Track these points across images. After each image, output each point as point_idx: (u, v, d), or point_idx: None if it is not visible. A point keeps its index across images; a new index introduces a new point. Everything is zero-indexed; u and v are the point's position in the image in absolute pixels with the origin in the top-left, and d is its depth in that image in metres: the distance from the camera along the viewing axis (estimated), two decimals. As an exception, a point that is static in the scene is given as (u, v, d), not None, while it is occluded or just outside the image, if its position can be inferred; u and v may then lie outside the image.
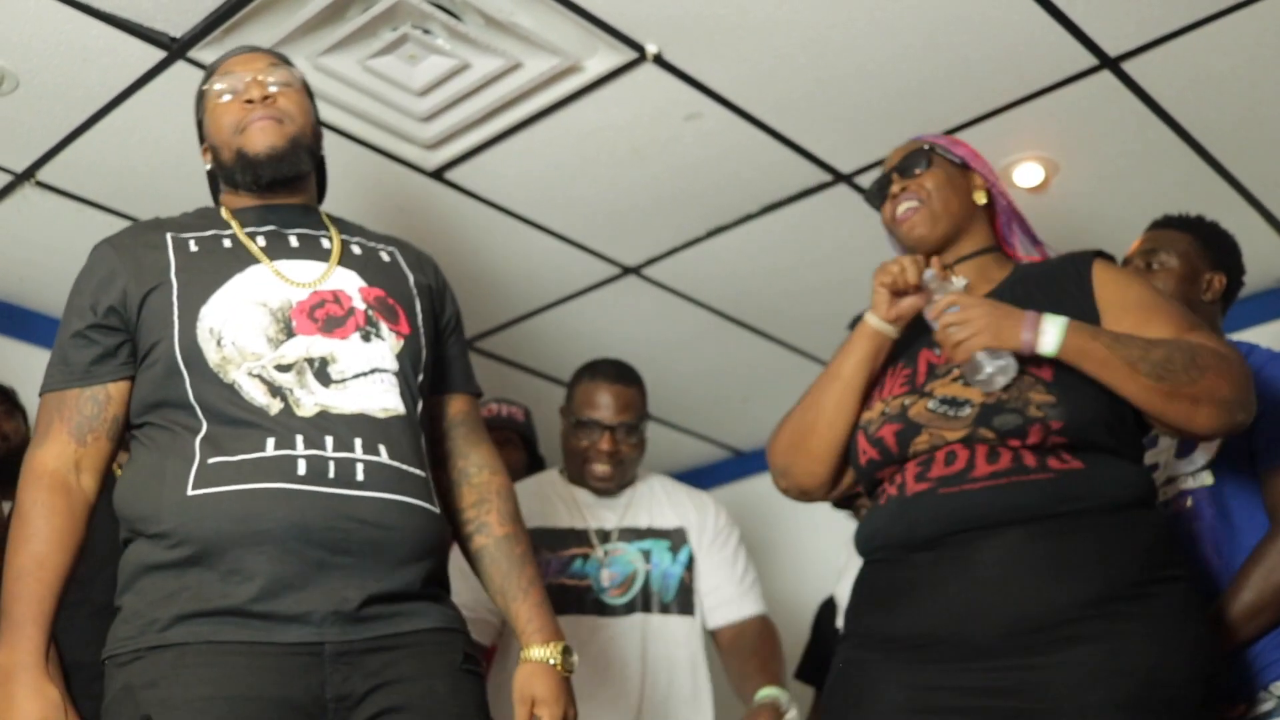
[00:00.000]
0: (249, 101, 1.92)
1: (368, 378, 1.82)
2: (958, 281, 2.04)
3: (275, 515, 1.70)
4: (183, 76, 2.63)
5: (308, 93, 2.02)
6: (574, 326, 3.73)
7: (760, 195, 3.16)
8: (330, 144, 2.89)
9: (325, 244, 1.95)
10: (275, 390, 1.77)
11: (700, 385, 4.12)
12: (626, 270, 3.51)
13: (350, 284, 1.89)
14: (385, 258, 1.99)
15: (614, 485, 2.83)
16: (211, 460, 1.74)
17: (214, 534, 1.70)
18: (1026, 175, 3.08)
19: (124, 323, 1.85)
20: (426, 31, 2.58)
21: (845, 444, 2.05)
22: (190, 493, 1.72)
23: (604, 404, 2.81)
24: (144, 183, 3.03)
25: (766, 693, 2.67)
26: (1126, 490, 1.87)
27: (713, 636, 2.88)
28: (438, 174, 3.05)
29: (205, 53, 2.57)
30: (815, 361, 3.78)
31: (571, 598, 2.70)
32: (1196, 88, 2.77)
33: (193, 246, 1.89)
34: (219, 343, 1.79)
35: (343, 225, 2.03)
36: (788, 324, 3.76)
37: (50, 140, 2.87)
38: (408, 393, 1.86)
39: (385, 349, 1.85)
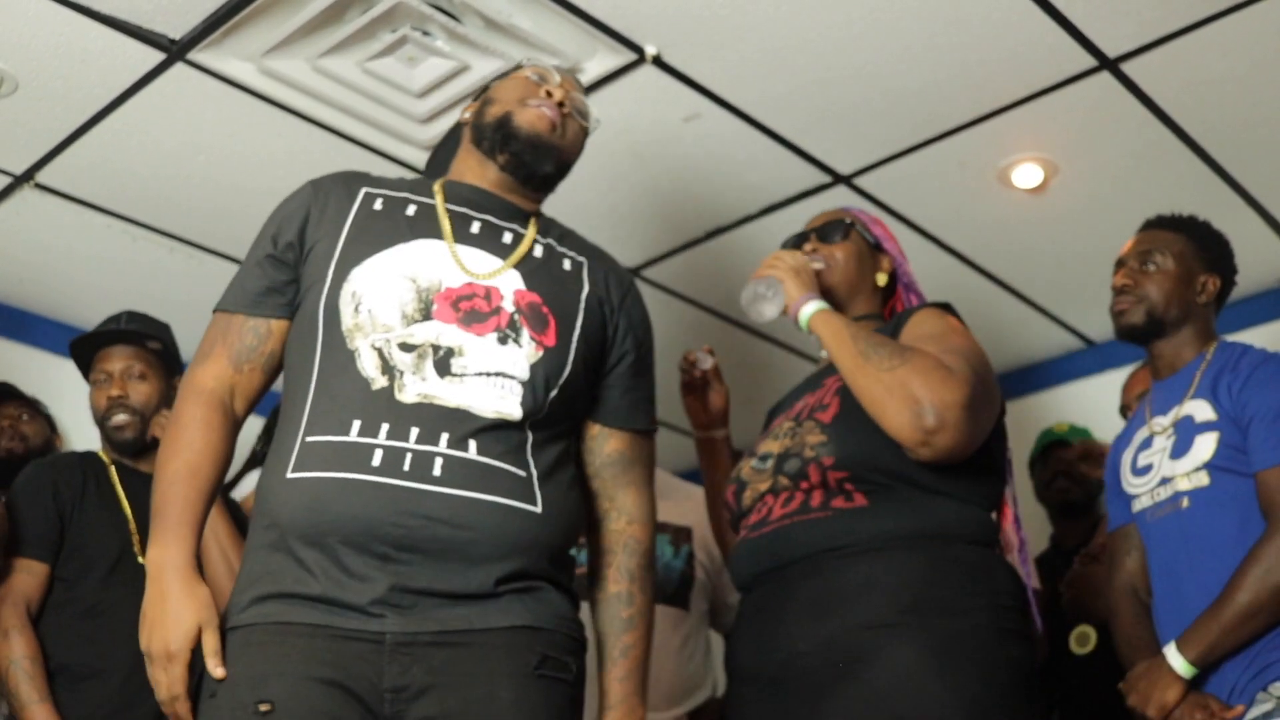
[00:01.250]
0: (548, 94, 1.93)
1: (490, 379, 1.74)
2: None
3: (340, 508, 1.66)
4: (182, 78, 2.64)
5: (586, 136, 2.02)
6: (574, 328, 3.73)
7: (760, 196, 3.17)
8: (329, 146, 2.92)
9: (506, 238, 1.88)
10: (388, 368, 1.72)
11: (700, 386, 4.12)
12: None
13: (508, 284, 1.82)
14: (567, 266, 1.91)
15: None
16: (310, 439, 1.71)
17: (290, 520, 1.68)
18: (1025, 176, 3.08)
19: (295, 260, 1.84)
20: (426, 33, 2.59)
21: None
22: (288, 475, 1.70)
23: None
24: (144, 184, 3.03)
25: None
26: (908, 525, 1.89)
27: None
28: (437, 175, 3.06)
29: (204, 54, 2.58)
30: (815, 363, 3.78)
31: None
32: (1195, 89, 2.77)
33: (377, 205, 1.86)
34: (356, 308, 1.76)
35: (549, 226, 1.96)
36: (787, 325, 3.74)
37: (50, 142, 2.87)
38: (531, 402, 1.77)
39: (520, 356, 1.77)
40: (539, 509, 1.74)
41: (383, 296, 1.76)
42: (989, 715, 1.79)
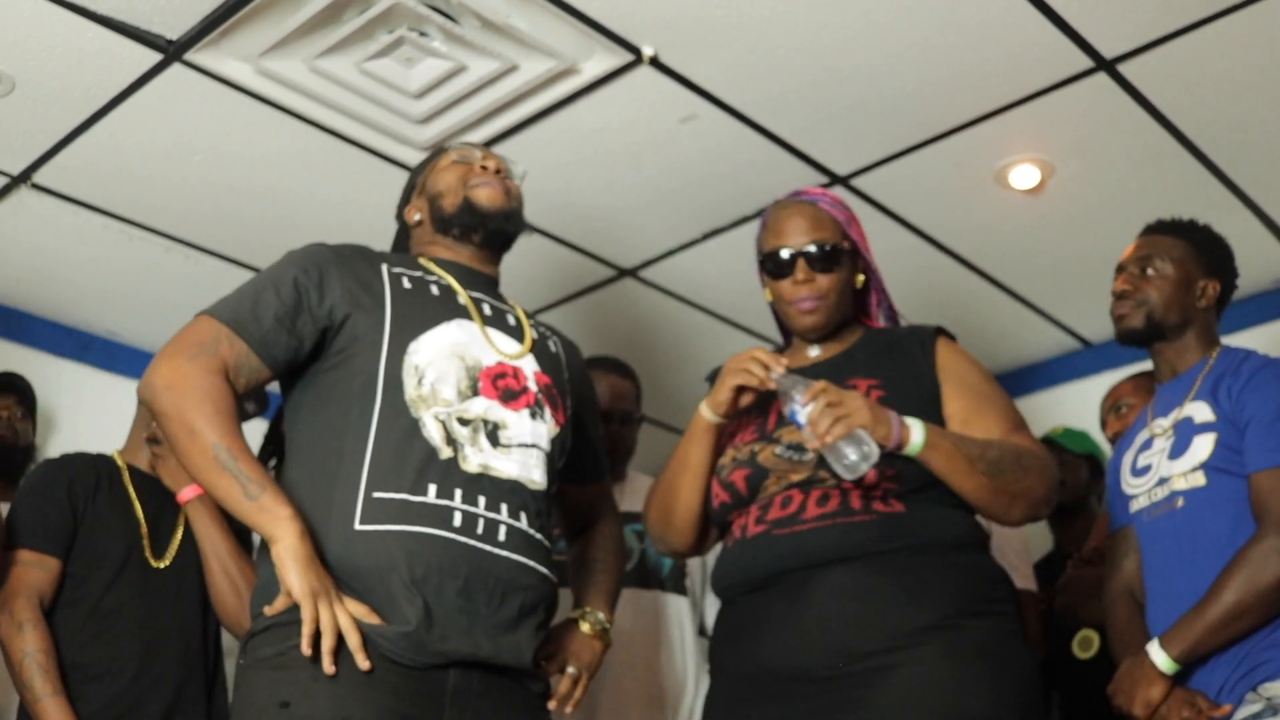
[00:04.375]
0: (484, 168, 2.14)
1: (528, 449, 1.97)
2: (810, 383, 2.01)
3: (430, 559, 1.83)
4: (179, 79, 2.64)
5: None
6: (572, 329, 3.72)
7: (756, 197, 3.16)
8: (326, 146, 2.92)
9: (511, 320, 2.10)
10: (451, 439, 1.90)
11: (697, 387, 4.11)
12: (623, 272, 3.51)
13: (528, 365, 2.05)
14: (552, 348, 2.16)
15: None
16: (376, 494, 1.85)
17: (373, 569, 1.82)
18: (1022, 177, 3.08)
19: (315, 322, 1.94)
20: (423, 34, 2.59)
21: (704, 515, 2.18)
22: (358, 527, 1.84)
23: (600, 392, 2.81)
24: (140, 185, 3.03)
25: None
26: (944, 533, 2.01)
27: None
28: (434, 176, 3.05)
29: (201, 55, 2.58)
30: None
31: (562, 572, 2.72)
32: (1192, 90, 2.77)
33: (405, 283, 2.02)
34: (420, 381, 1.92)
35: (513, 303, 2.17)
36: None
37: (47, 143, 2.87)
38: (551, 472, 2.02)
39: (544, 431, 2.01)
40: (555, 578, 2.01)
41: (442, 372, 1.94)
42: (1032, 701, 1.93)
